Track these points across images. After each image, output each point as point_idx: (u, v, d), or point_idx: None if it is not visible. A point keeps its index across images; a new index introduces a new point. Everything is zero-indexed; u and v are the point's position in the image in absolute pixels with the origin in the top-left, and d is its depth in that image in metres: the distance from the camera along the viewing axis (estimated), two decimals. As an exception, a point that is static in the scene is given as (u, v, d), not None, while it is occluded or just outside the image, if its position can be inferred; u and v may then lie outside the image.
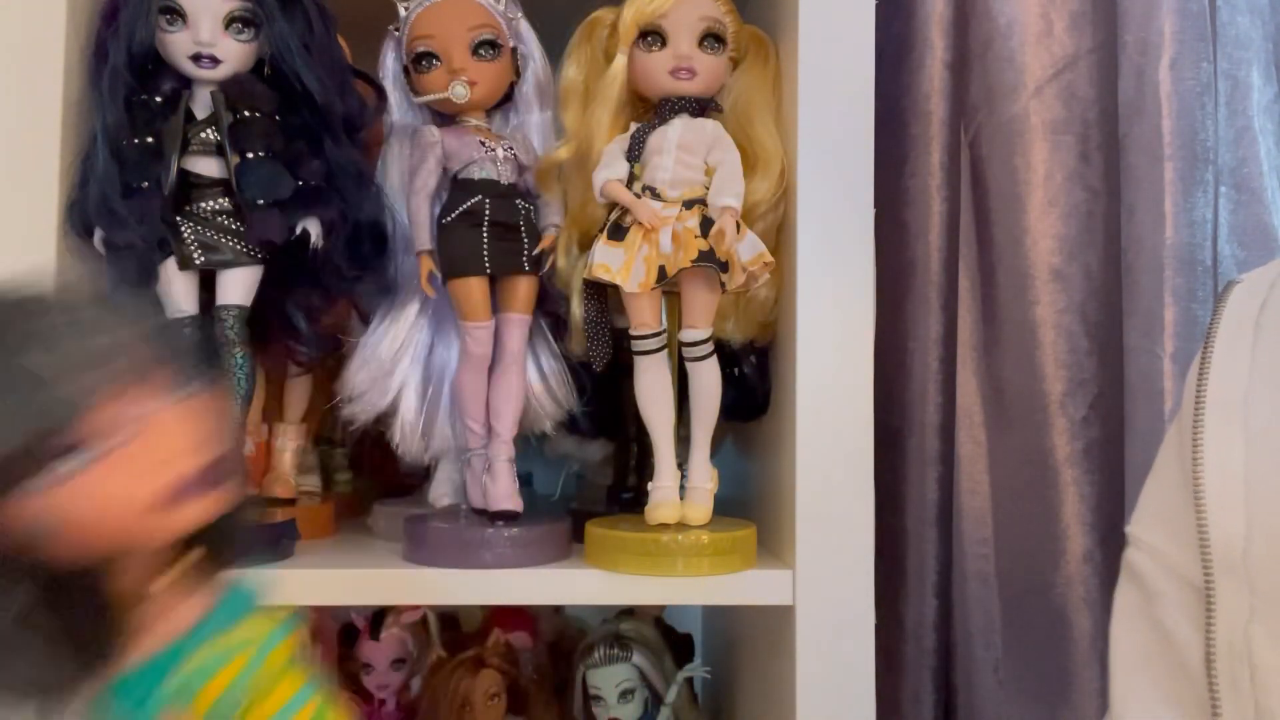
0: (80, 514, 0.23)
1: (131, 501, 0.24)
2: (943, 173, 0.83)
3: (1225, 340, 0.50)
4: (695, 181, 0.68)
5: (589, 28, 0.74)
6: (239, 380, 0.65)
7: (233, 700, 0.25)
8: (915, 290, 0.84)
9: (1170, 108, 0.75)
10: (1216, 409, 0.48)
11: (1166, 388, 0.73)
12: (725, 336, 0.73)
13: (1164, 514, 0.51)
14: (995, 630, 0.81)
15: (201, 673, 0.25)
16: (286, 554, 0.66)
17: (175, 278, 0.64)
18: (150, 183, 0.63)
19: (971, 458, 0.83)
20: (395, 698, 0.91)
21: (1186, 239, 0.74)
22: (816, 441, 0.65)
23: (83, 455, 0.23)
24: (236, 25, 0.64)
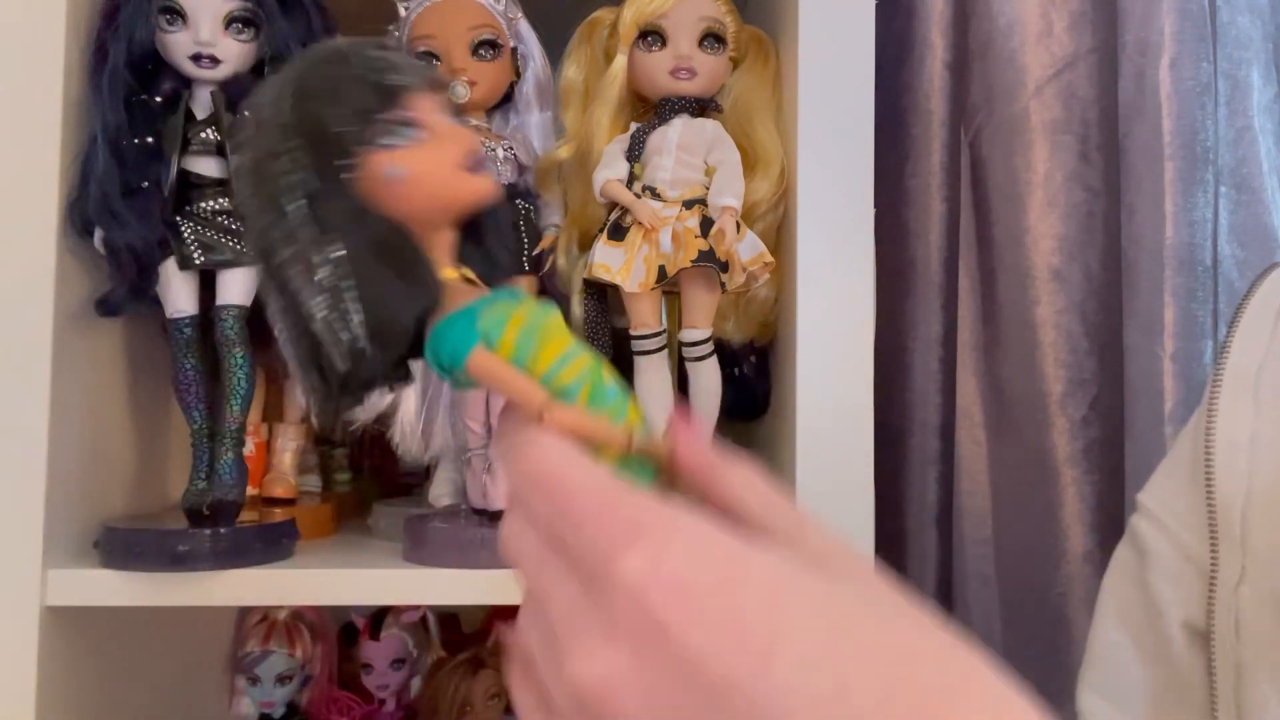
0: (415, 171, 0.29)
1: (448, 163, 0.29)
2: (943, 173, 0.83)
3: (1250, 319, 0.51)
4: (695, 181, 0.68)
5: (589, 28, 0.74)
6: (239, 380, 0.65)
7: (526, 344, 0.29)
8: (915, 290, 0.84)
9: (1170, 108, 0.75)
10: (1232, 382, 0.50)
11: (1166, 388, 0.73)
12: (725, 336, 0.73)
13: (1172, 487, 0.52)
14: (995, 630, 0.81)
15: (499, 321, 0.29)
16: (286, 554, 0.66)
17: (175, 277, 0.64)
18: (150, 183, 0.63)
19: (971, 458, 0.83)
20: (395, 698, 0.91)
21: (1186, 239, 0.74)
22: (816, 441, 0.65)
23: (411, 130, 0.29)
24: (236, 25, 0.64)
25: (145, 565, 0.61)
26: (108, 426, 0.70)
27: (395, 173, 0.29)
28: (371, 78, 0.29)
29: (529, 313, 0.30)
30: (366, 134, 0.28)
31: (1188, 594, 0.50)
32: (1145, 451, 0.74)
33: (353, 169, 0.28)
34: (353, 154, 0.28)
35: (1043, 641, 0.79)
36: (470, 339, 0.29)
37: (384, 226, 0.29)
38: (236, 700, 0.89)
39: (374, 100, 0.28)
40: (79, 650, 0.65)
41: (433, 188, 0.29)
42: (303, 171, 0.28)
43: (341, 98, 0.28)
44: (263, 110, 0.29)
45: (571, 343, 0.30)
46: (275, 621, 0.88)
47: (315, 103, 0.28)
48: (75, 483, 0.64)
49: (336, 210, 0.28)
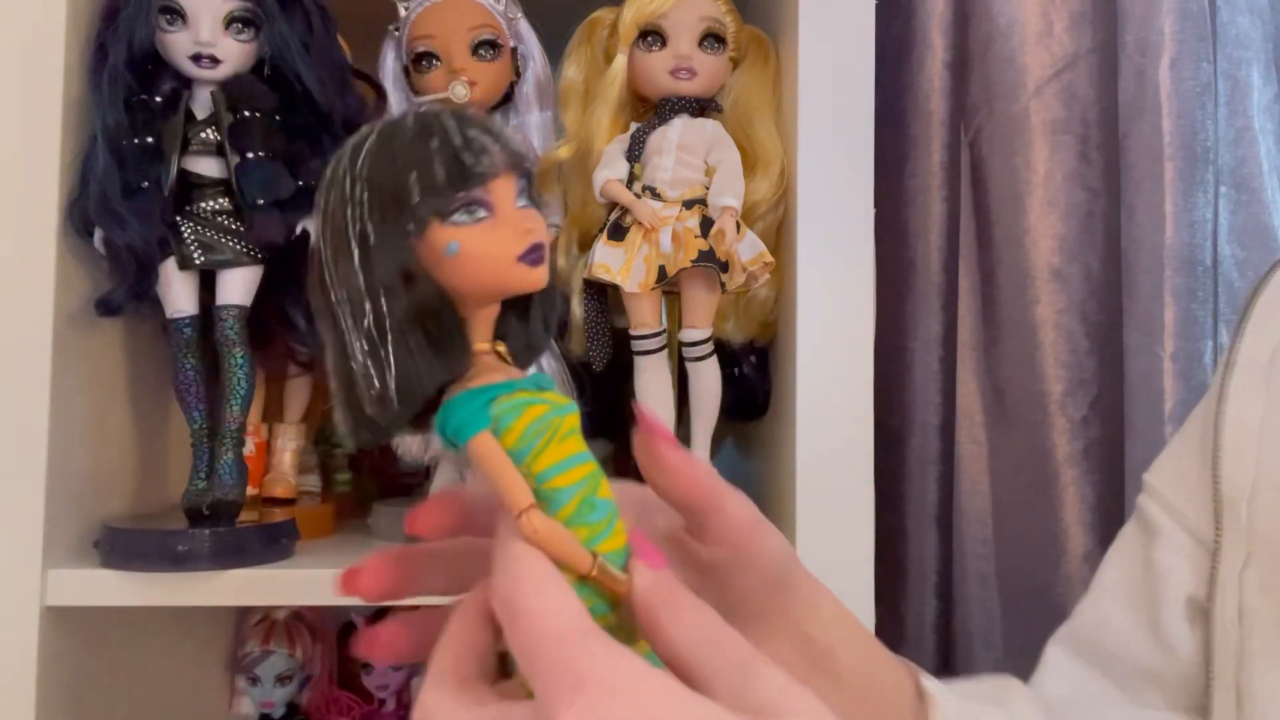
0: (473, 251, 0.30)
1: (507, 251, 0.30)
2: (943, 173, 0.83)
3: (1264, 306, 0.51)
4: (695, 181, 0.68)
5: (589, 28, 0.74)
6: (239, 380, 0.65)
7: (530, 439, 0.30)
8: (915, 290, 0.84)
9: (1170, 108, 0.75)
10: (1244, 367, 0.50)
11: (1166, 388, 0.73)
12: (725, 336, 0.73)
13: (1180, 467, 0.52)
14: (995, 630, 0.81)
15: (512, 410, 0.30)
16: (286, 554, 0.66)
17: (175, 278, 0.64)
18: (150, 183, 0.63)
19: (971, 458, 0.83)
20: (395, 698, 0.91)
21: (1186, 239, 0.74)
22: (816, 441, 0.65)
23: (481, 211, 0.30)
24: (236, 25, 0.64)
25: (145, 565, 0.61)
26: (108, 426, 0.70)
27: (453, 249, 0.30)
28: (457, 155, 0.30)
29: (546, 408, 0.31)
30: (437, 207, 0.29)
31: (1193, 570, 0.50)
32: (1145, 451, 0.74)
33: (415, 236, 0.29)
34: (419, 223, 0.29)
35: (1043, 641, 0.79)
36: (480, 421, 0.30)
37: (430, 294, 0.30)
38: (236, 700, 0.89)
39: (453, 178, 0.29)
40: (79, 650, 0.65)
41: (485, 271, 0.30)
42: (369, 226, 0.29)
43: (423, 169, 0.29)
44: (346, 158, 0.31)
45: (578, 449, 0.31)
46: (275, 621, 0.88)
47: (397, 167, 0.29)
48: (75, 483, 0.64)
49: (391, 269, 0.29)
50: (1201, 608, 0.49)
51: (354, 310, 0.30)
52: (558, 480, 0.30)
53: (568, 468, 0.30)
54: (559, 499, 0.30)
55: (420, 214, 0.29)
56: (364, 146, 0.30)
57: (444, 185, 0.29)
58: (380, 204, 0.29)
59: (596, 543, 0.30)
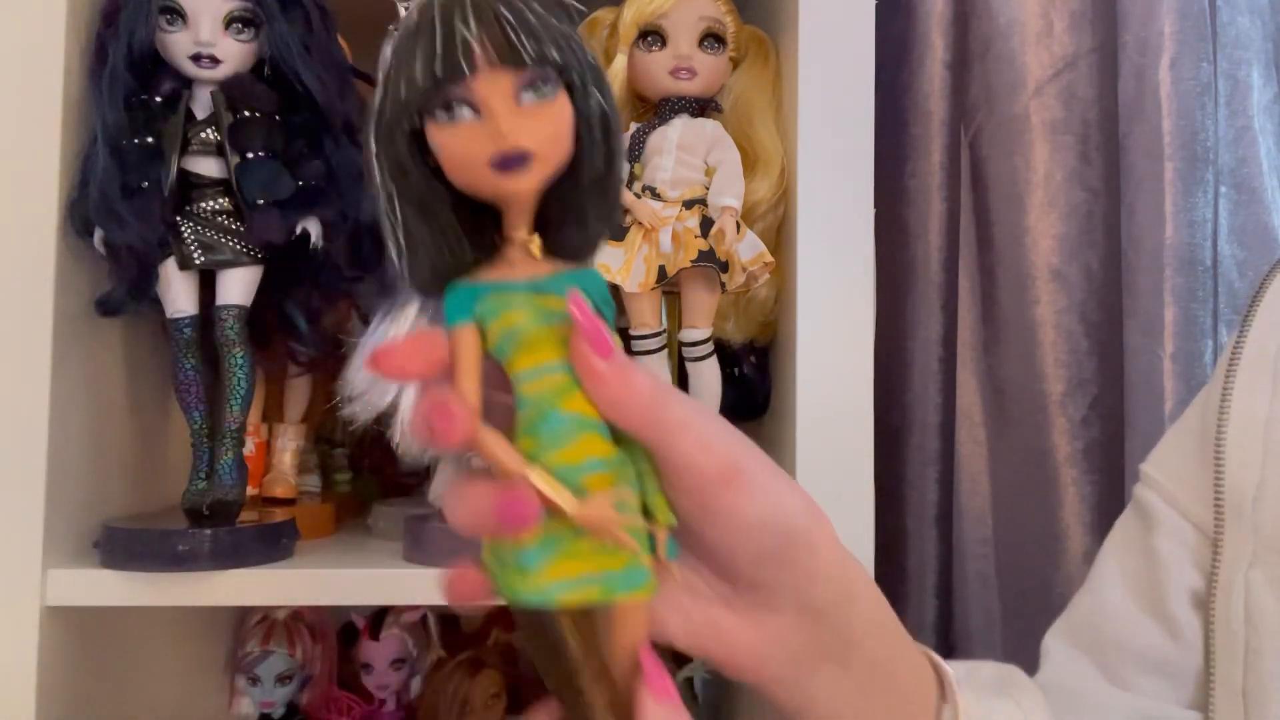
0: (446, 153, 0.29)
1: (478, 155, 0.29)
2: (943, 173, 0.83)
3: (1272, 298, 0.51)
4: (695, 181, 0.68)
5: (589, 28, 0.74)
6: (239, 380, 0.65)
7: (501, 344, 0.30)
8: (915, 290, 0.84)
9: (1170, 108, 0.75)
10: (1251, 359, 0.49)
11: (1166, 388, 0.73)
12: (725, 336, 0.73)
13: (1178, 458, 0.52)
14: (995, 630, 0.81)
15: (491, 313, 0.30)
16: (286, 554, 0.66)
17: (175, 278, 0.64)
18: (150, 183, 0.63)
19: (971, 458, 0.83)
20: (395, 698, 0.91)
21: (1186, 239, 0.74)
22: (816, 441, 0.65)
23: (465, 110, 0.29)
24: (236, 25, 0.64)
25: (145, 565, 0.61)
26: (108, 426, 0.70)
27: (435, 148, 0.29)
28: (432, 52, 0.29)
29: (524, 315, 0.30)
30: (418, 105, 0.29)
31: (1195, 560, 0.49)
32: (1145, 451, 0.74)
33: (413, 129, 0.29)
34: (411, 120, 0.29)
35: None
36: (460, 314, 0.30)
37: (425, 188, 0.30)
38: (236, 700, 0.89)
39: (426, 76, 0.29)
40: (79, 650, 0.65)
41: (460, 174, 0.30)
42: (384, 118, 0.30)
43: (407, 68, 0.29)
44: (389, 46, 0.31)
45: (546, 359, 0.30)
46: (275, 621, 0.88)
47: (396, 63, 0.30)
48: (75, 483, 0.64)
49: (394, 159, 0.30)
50: (1202, 599, 0.49)
51: (381, 188, 0.30)
52: (523, 388, 0.30)
53: (538, 376, 0.30)
54: (520, 404, 0.30)
55: (409, 112, 0.29)
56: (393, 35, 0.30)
57: (420, 84, 0.29)
58: (391, 97, 0.30)
59: (545, 454, 0.29)
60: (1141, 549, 0.52)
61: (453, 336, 0.30)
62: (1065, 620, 0.55)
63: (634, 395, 0.29)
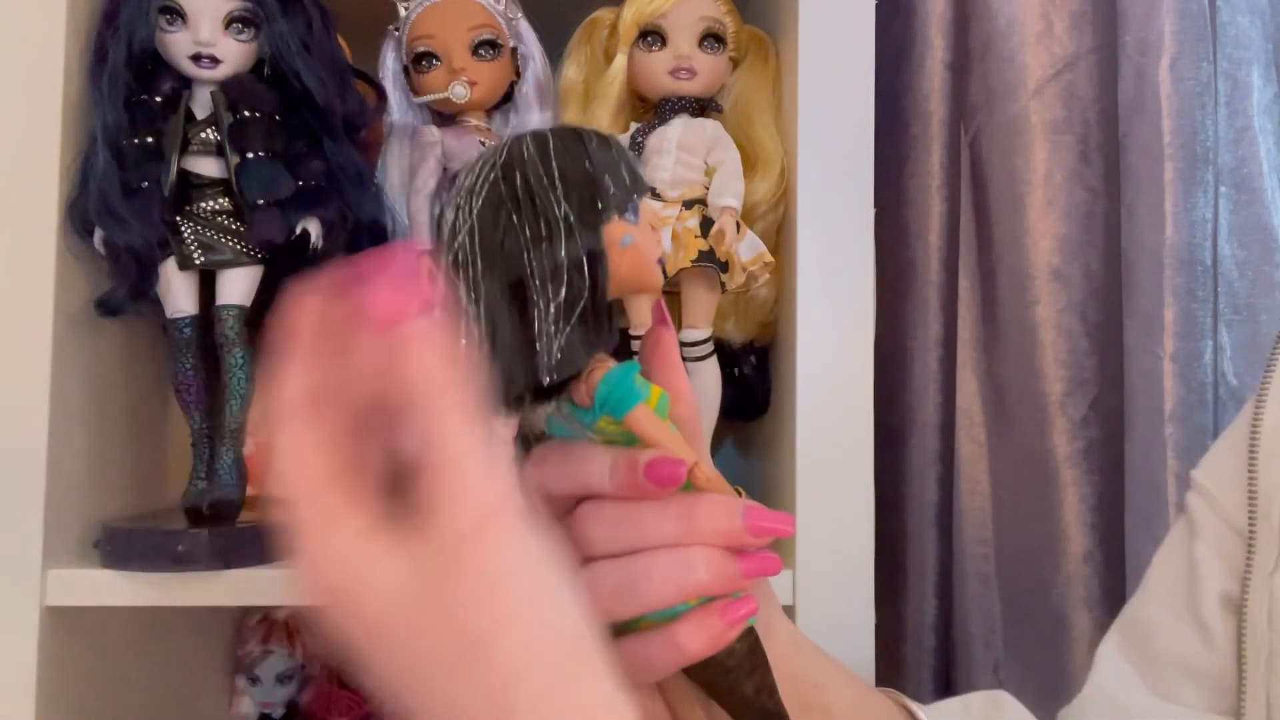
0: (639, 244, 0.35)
1: (654, 251, 0.35)
2: (943, 173, 0.83)
3: None
4: (695, 181, 0.68)
5: (589, 28, 0.74)
6: (239, 380, 0.65)
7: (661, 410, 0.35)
8: (915, 290, 0.84)
9: (1170, 108, 0.75)
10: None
11: (1166, 388, 0.73)
12: (725, 336, 0.73)
13: (1225, 462, 0.52)
14: (995, 630, 0.81)
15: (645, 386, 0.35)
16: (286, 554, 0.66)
17: (175, 278, 0.64)
18: (150, 183, 0.63)
19: (971, 458, 0.83)
20: (395, 698, 0.91)
21: (1186, 239, 0.74)
22: (816, 441, 0.65)
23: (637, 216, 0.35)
24: (236, 25, 0.64)
25: (145, 565, 0.61)
26: (108, 426, 0.70)
27: (627, 240, 0.34)
28: (632, 165, 0.35)
29: (660, 389, 0.35)
30: (621, 203, 0.34)
31: (1231, 565, 0.49)
32: (1145, 451, 0.74)
33: (603, 224, 0.34)
34: (607, 214, 0.34)
35: (1043, 641, 0.79)
36: (640, 393, 0.34)
37: (605, 276, 0.34)
38: (236, 700, 0.89)
39: (633, 183, 0.35)
40: (79, 650, 0.65)
41: (641, 264, 0.35)
42: (570, 211, 0.34)
43: (614, 171, 0.34)
44: (533, 153, 0.34)
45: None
46: (275, 621, 0.88)
47: (590, 166, 0.34)
48: (75, 483, 0.64)
49: (584, 249, 0.34)
50: (1236, 603, 0.48)
51: (547, 284, 0.33)
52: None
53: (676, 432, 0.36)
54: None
55: (610, 207, 0.34)
56: (549, 146, 0.34)
57: (628, 187, 0.35)
58: (577, 195, 0.34)
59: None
60: (1184, 556, 0.52)
61: (642, 412, 0.34)
62: (1116, 629, 0.55)
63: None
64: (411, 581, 0.27)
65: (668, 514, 0.33)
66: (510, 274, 0.33)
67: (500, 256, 0.33)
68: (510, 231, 0.33)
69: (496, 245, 0.33)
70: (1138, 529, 0.74)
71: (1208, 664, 0.49)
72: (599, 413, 0.34)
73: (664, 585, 0.32)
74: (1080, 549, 0.77)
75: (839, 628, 0.65)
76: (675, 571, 0.32)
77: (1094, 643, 0.75)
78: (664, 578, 0.32)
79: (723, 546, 0.33)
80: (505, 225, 0.33)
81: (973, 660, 0.81)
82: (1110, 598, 0.77)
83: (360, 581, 0.27)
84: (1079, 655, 0.76)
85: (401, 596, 0.27)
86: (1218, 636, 0.49)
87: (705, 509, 0.33)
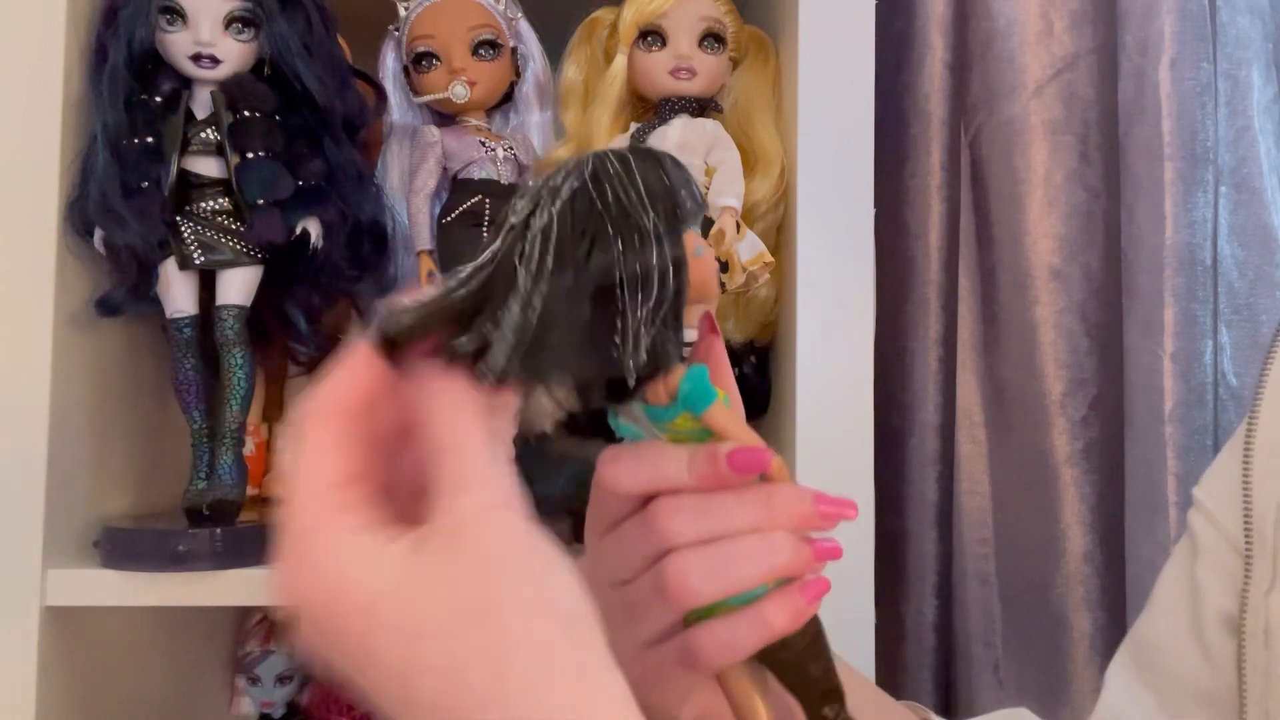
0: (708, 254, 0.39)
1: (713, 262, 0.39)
2: (943, 173, 0.83)
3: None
4: (695, 181, 0.68)
5: (589, 28, 0.74)
6: (239, 380, 0.65)
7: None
8: (915, 290, 0.84)
9: (1170, 108, 0.75)
10: (1276, 378, 0.49)
11: (1166, 387, 0.73)
12: (725, 336, 0.73)
13: (1223, 478, 0.51)
14: (995, 630, 0.81)
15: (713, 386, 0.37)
16: (286, 554, 0.66)
17: (175, 278, 0.64)
18: (150, 183, 0.63)
19: (971, 458, 0.83)
20: (395, 698, 0.91)
21: (1186, 239, 0.74)
22: (816, 441, 0.65)
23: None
24: (236, 25, 0.64)
25: (145, 565, 0.61)
26: (108, 426, 0.70)
27: (699, 250, 0.39)
28: (696, 185, 0.37)
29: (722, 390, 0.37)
30: (696, 215, 0.36)
31: (1230, 584, 0.48)
32: (1145, 451, 0.74)
33: (681, 233, 0.36)
34: (686, 225, 0.36)
35: (1043, 641, 0.79)
36: (715, 392, 0.36)
37: (686, 282, 0.36)
38: (236, 700, 0.89)
39: (700, 199, 0.37)
40: (79, 650, 0.65)
41: (708, 272, 0.39)
42: (658, 220, 0.35)
43: (688, 186, 0.36)
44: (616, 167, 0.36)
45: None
46: (275, 621, 0.88)
47: (669, 181, 0.36)
48: (75, 483, 0.64)
49: (672, 256, 0.35)
50: (1235, 622, 0.48)
51: (638, 288, 0.35)
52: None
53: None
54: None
55: (689, 218, 0.36)
56: (632, 162, 0.36)
57: (699, 203, 0.36)
58: (661, 207, 0.35)
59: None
60: (1187, 575, 0.51)
61: (719, 409, 0.36)
62: (1125, 649, 0.54)
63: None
64: (413, 560, 0.28)
65: (746, 502, 0.35)
66: (594, 279, 0.34)
67: (583, 260, 0.35)
68: (601, 238, 0.35)
69: (579, 249, 0.35)
70: (1138, 529, 0.74)
71: (1214, 686, 0.49)
72: (679, 410, 0.36)
73: (753, 566, 0.35)
74: (1080, 549, 0.77)
75: (839, 628, 0.64)
76: (762, 554, 0.35)
77: (1094, 642, 0.75)
78: (752, 559, 0.35)
79: (797, 531, 0.36)
80: (594, 231, 0.35)
81: (973, 660, 0.81)
82: (1110, 598, 0.77)
83: (354, 567, 0.28)
84: (1079, 655, 0.76)
85: (400, 575, 0.28)
86: (1217, 655, 0.48)
87: (782, 496, 0.35)
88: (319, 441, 0.31)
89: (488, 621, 0.27)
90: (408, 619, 0.27)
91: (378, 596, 0.28)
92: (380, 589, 0.28)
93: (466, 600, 0.27)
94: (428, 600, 0.27)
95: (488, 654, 0.27)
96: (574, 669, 0.27)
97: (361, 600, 0.28)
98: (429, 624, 0.27)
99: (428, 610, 0.27)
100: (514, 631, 0.27)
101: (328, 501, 0.30)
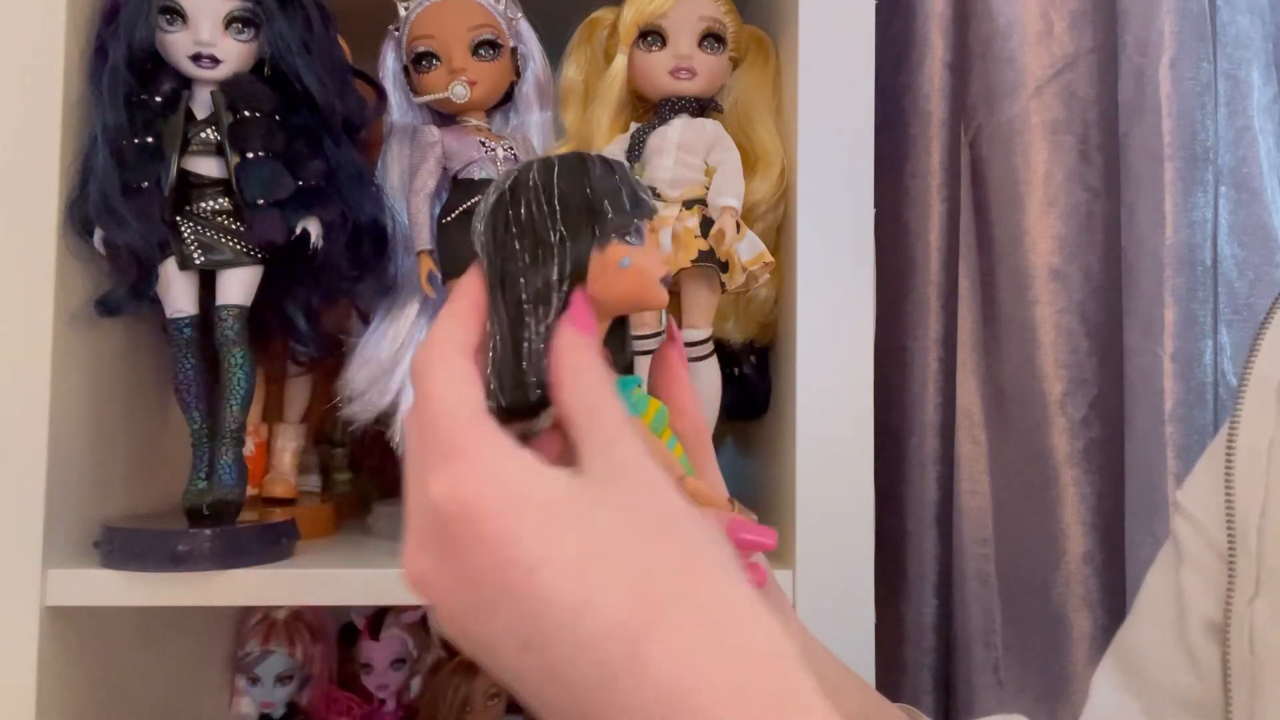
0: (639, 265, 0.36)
1: (657, 272, 0.37)
2: (943, 173, 0.83)
3: (1278, 325, 0.50)
4: (695, 181, 0.68)
5: (589, 28, 0.74)
6: (239, 380, 0.65)
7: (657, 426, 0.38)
8: (915, 290, 0.84)
9: (1170, 108, 0.75)
10: (1256, 387, 0.48)
11: (1166, 388, 0.73)
12: (725, 336, 0.73)
13: (1205, 484, 0.51)
14: (995, 630, 0.81)
15: (641, 400, 0.38)
16: (286, 554, 0.66)
17: (175, 278, 0.64)
18: (150, 183, 0.63)
19: (971, 458, 0.83)
20: (395, 698, 0.91)
21: (1186, 239, 0.74)
22: (816, 441, 0.65)
23: (639, 239, 0.37)
24: (236, 25, 0.64)
25: (145, 565, 0.61)
26: (108, 426, 0.70)
27: (626, 262, 0.36)
28: (635, 190, 0.37)
29: (657, 404, 0.38)
30: (621, 226, 0.36)
31: (1214, 591, 0.48)
32: (1145, 451, 0.74)
33: (599, 247, 0.36)
34: (606, 236, 0.36)
35: (1042, 641, 0.79)
36: (636, 409, 0.37)
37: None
38: (236, 700, 0.89)
39: (635, 207, 0.36)
40: (79, 650, 0.65)
41: (642, 284, 0.37)
42: (567, 237, 0.35)
43: (613, 196, 0.36)
44: (536, 179, 0.36)
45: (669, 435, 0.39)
46: (275, 621, 0.88)
47: (590, 190, 0.36)
48: (75, 483, 0.64)
49: (574, 270, 0.35)
50: (1220, 629, 0.48)
51: (537, 300, 0.35)
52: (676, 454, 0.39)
53: (672, 446, 0.39)
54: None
55: (609, 229, 0.36)
56: (553, 171, 0.36)
57: (629, 211, 0.36)
58: (575, 218, 0.35)
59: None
60: (1171, 581, 0.51)
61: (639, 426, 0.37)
62: (1111, 655, 0.54)
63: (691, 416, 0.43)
64: (582, 481, 0.31)
65: None
66: (510, 293, 0.35)
67: (502, 276, 0.36)
68: (510, 253, 0.35)
69: (499, 265, 0.36)
70: (1137, 529, 0.74)
71: (1200, 694, 0.49)
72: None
73: None
74: (1080, 549, 0.77)
75: (839, 628, 0.65)
76: None
77: (1094, 642, 0.75)
78: None
79: None
80: (506, 247, 0.35)
81: (973, 660, 0.81)
82: (1110, 597, 0.77)
83: (531, 473, 0.30)
84: (1078, 655, 0.76)
85: (576, 489, 0.30)
86: (1203, 664, 0.48)
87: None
88: (453, 372, 0.33)
89: (671, 537, 0.30)
90: (589, 523, 0.29)
91: (559, 499, 0.30)
92: (560, 493, 0.30)
93: (647, 517, 0.30)
94: (609, 509, 0.30)
95: (673, 562, 0.29)
96: (750, 591, 0.29)
97: (543, 500, 0.30)
98: (612, 528, 0.29)
99: (610, 517, 0.30)
100: (699, 548, 0.30)
101: (484, 423, 0.32)
